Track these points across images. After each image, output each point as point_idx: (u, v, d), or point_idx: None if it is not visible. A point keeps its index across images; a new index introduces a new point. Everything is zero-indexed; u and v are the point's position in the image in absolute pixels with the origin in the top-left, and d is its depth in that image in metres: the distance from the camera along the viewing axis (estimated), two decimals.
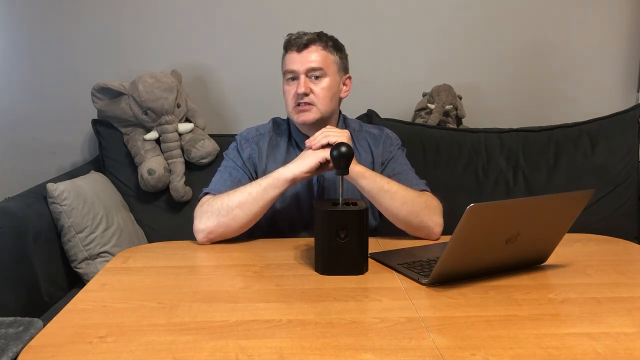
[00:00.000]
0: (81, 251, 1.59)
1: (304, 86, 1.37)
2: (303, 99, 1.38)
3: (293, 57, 1.39)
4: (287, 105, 1.42)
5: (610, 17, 2.21)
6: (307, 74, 1.38)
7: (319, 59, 1.39)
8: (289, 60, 1.40)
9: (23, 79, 2.12)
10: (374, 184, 1.29)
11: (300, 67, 1.38)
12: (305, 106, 1.38)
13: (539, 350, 0.79)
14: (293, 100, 1.40)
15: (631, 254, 1.28)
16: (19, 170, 2.13)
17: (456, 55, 2.21)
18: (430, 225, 1.33)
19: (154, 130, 1.91)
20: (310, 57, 1.38)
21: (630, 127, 1.96)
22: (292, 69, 1.39)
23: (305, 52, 1.39)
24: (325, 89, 1.40)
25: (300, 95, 1.37)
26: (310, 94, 1.38)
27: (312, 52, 1.39)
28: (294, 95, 1.39)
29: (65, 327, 0.88)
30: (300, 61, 1.38)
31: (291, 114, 1.42)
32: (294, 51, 1.39)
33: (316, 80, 1.39)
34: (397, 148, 1.51)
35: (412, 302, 0.96)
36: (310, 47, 1.39)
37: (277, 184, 1.28)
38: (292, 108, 1.41)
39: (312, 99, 1.38)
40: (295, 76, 1.39)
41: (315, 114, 1.39)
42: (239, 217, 1.29)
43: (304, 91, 1.37)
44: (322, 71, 1.39)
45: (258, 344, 0.81)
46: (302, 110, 1.39)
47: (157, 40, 2.13)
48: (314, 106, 1.39)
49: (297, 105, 1.39)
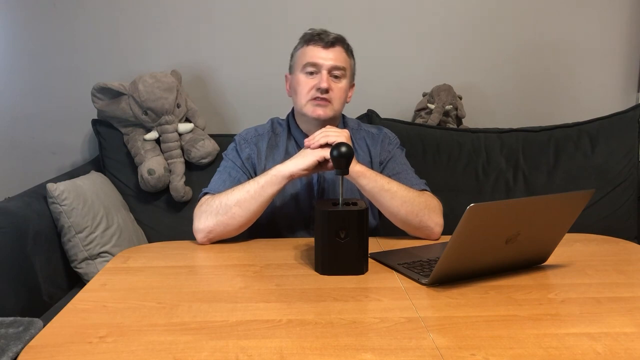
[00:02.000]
0: (81, 251, 1.59)
1: (327, 82, 1.37)
2: (324, 94, 1.38)
3: (318, 51, 1.39)
4: (300, 96, 1.41)
5: (610, 17, 2.21)
6: (330, 71, 1.39)
7: (343, 59, 1.41)
8: (312, 54, 1.39)
9: (23, 79, 2.12)
10: (375, 183, 1.29)
11: (325, 62, 1.38)
12: (323, 101, 1.38)
13: (539, 350, 0.79)
14: (310, 93, 1.39)
15: (631, 254, 1.28)
16: (19, 170, 2.13)
17: (456, 55, 2.21)
18: (430, 225, 1.33)
19: (154, 130, 1.91)
20: (336, 55, 1.40)
21: (630, 127, 1.96)
22: (316, 62, 1.38)
23: (332, 50, 1.39)
24: (342, 90, 1.41)
25: (322, 90, 1.37)
26: (330, 90, 1.38)
27: (338, 51, 1.40)
28: (312, 87, 1.38)
29: (65, 327, 0.88)
30: (325, 57, 1.39)
31: (305, 106, 1.40)
32: (319, 46, 1.39)
33: (336, 79, 1.40)
34: (396, 147, 1.51)
35: (412, 302, 0.96)
36: (336, 46, 1.40)
37: (274, 181, 1.28)
38: (306, 100, 1.40)
39: (331, 96, 1.39)
40: (316, 70, 1.39)
41: (330, 111, 1.40)
42: (237, 215, 1.28)
43: (326, 86, 1.37)
44: (343, 72, 1.41)
45: (258, 344, 0.81)
46: (319, 105, 1.39)
47: (157, 40, 2.13)
48: (330, 103, 1.39)
49: (314, 98, 1.39)
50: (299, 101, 1.42)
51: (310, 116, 1.40)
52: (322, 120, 1.39)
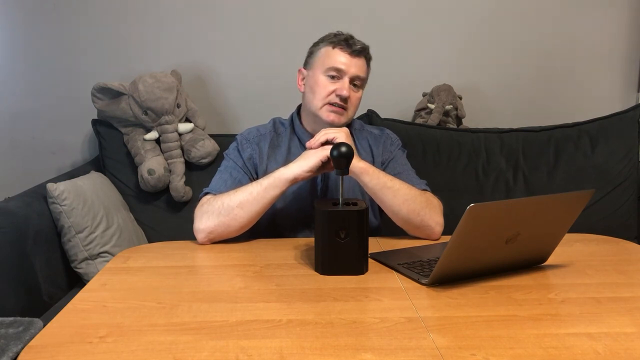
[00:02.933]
0: (81, 251, 1.59)
1: (348, 90, 1.38)
2: (342, 101, 1.39)
3: (344, 57, 1.39)
4: (317, 97, 1.41)
5: (610, 17, 2.21)
6: (352, 79, 1.40)
7: (365, 69, 1.43)
8: (338, 58, 1.39)
9: (23, 78, 2.12)
10: (377, 180, 1.30)
11: (349, 70, 1.39)
12: (340, 109, 1.39)
13: (539, 350, 0.79)
14: (328, 97, 1.39)
15: (631, 254, 1.28)
16: (19, 170, 2.13)
17: (456, 55, 2.22)
18: (431, 224, 1.33)
19: (154, 130, 1.91)
20: (360, 65, 1.41)
21: (630, 127, 1.96)
22: (341, 68, 1.39)
23: (358, 59, 1.41)
24: (358, 99, 1.44)
25: (342, 97, 1.38)
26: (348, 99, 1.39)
27: (362, 61, 1.42)
28: (331, 92, 1.39)
29: (65, 327, 0.88)
30: (351, 64, 1.39)
31: (320, 109, 1.40)
32: (346, 52, 1.39)
33: (355, 88, 1.42)
34: (398, 148, 1.51)
35: (412, 302, 0.96)
36: (362, 56, 1.42)
37: (278, 184, 1.28)
38: (323, 104, 1.40)
39: (348, 105, 1.40)
40: (339, 76, 1.39)
41: (344, 119, 1.41)
42: (239, 216, 1.28)
43: (347, 95, 1.38)
44: (363, 82, 1.43)
45: (258, 344, 0.81)
46: (336, 112, 1.39)
47: (157, 40, 2.13)
48: (346, 112, 1.40)
49: (332, 104, 1.39)
50: (314, 102, 1.41)
51: (324, 120, 1.40)
52: (335, 126, 1.39)
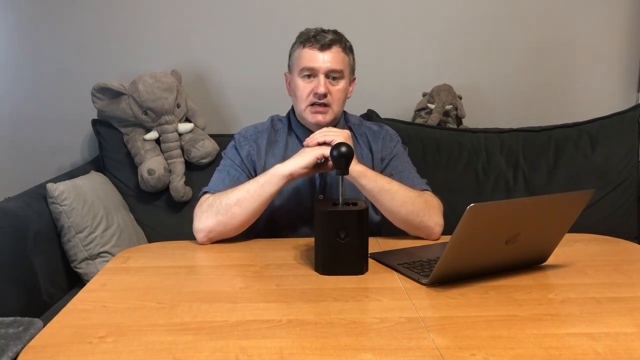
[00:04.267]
0: (81, 251, 1.59)
1: (325, 86, 1.36)
2: (321, 99, 1.37)
3: (314, 54, 1.37)
4: (298, 101, 1.40)
5: (610, 17, 2.21)
6: (327, 74, 1.37)
7: (340, 60, 1.39)
8: (308, 57, 1.38)
9: (23, 79, 2.12)
10: (375, 183, 1.29)
11: (322, 66, 1.37)
12: (322, 107, 1.38)
13: (539, 350, 0.79)
14: (308, 99, 1.38)
15: (631, 254, 1.28)
16: (19, 170, 2.13)
17: (456, 55, 2.21)
18: (431, 225, 1.33)
19: (154, 130, 1.91)
20: (332, 58, 1.37)
21: (630, 127, 1.96)
22: (312, 66, 1.37)
23: (328, 52, 1.37)
24: (341, 91, 1.40)
25: (319, 95, 1.36)
26: (328, 95, 1.37)
27: (334, 53, 1.38)
28: (309, 93, 1.38)
29: (65, 327, 0.88)
30: (322, 60, 1.37)
31: (304, 112, 1.40)
32: (315, 49, 1.37)
33: (334, 81, 1.39)
34: (398, 145, 1.51)
35: (412, 302, 0.96)
36: (333, 47, 1.38)
37: (274, 181, 1.27)
38: (305, 106, 1.39)
39: (329, 100, 1.38)
40: (313, 74, 1.38)
41: (330, 116, 1.39)
42: (237, 214, 1.28)
43: (324, 91, 1.36)
44: (341, 73, 1.39)
45: (258, 344, 0.81)
46: (318, 112, 1.38)
47: (157, 40, 2.13)
48: (330, 108, 1.39)
49: (312, 105, 1.38)
50: (298, 105, 1.41)
51: (311, 122, 1.40)
52: (322, 125, 1.38)
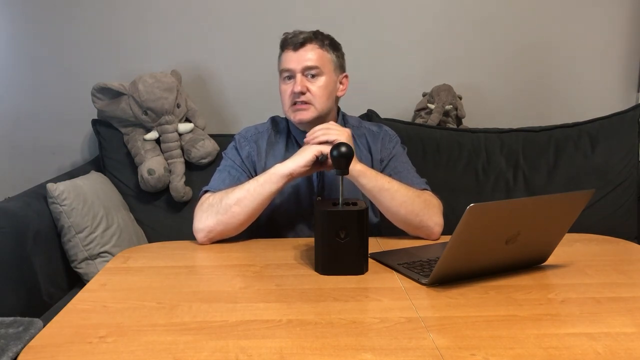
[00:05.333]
0: (81, 251, 1.59)
1: (300, 85, 1.37)
2: (300, 97, 1.37)
3: (289, 55, 1.39)
4: (283, 104, 1.42)
5: (610, 17, 2.21)
6: (303, 72, 1.38)
7: (315, 57, 1.39)
8: (285, 59, 1.40)
9: (23, 79, 2.12)
10: (375, 182, 1.29)
11: (296, 66, 1.38)
12: (302, 105, 1.38)
13: (539, 350, 0.79)
14: (290, 99, 1.39)
15: (631, 254, 1.28)
16: (19, 170, 2.13)
17: (456, 55, 2.21)
18: (430, 225, 1.33)
19: (154, 130, 1.91)
20: (306, 55, 1.38)
21: (630, 127, 1.96)
22: (288, 67, 1.39)
23: (302, 51, 1.38)
24: (321, 88, 1.39)
25: (297, 94, 1.37)
26: (307, 92, 1.37)
27: (309, 50, 1.39)
28: (290, 94, 1.39)
29: (65, 327, 0.88)
30: (296, 60, 1.38)
31: (288, 112, 1.41)
32: (290, 50, 1.39)
33: (312, 78, 1.39)
34: (398, 145, 1.51)
35: (412, 302, 0.96)
36: (307, 45, 1.39)
37: (274, 180, 1.27)
38: (288, 107, 1.40)
39: (309, 97, 1.38)
40: (291, 75, 1.39)
41: (312, 113, 1.39)
42: (237, 214, 1.28)
43: (300, 90, 1.36)
44: (318, 70, 1.39)
45: (258, 344, 0.81)
46: (298, 109, 1.39)
47: (157, 40, 2.13)
48: (311, 105, 1.38)
49: (294, 104, 1.39)
50: (284, 108, 1.43)
51: (295, 122, 1.41)
52: (305, 123, 1.38)
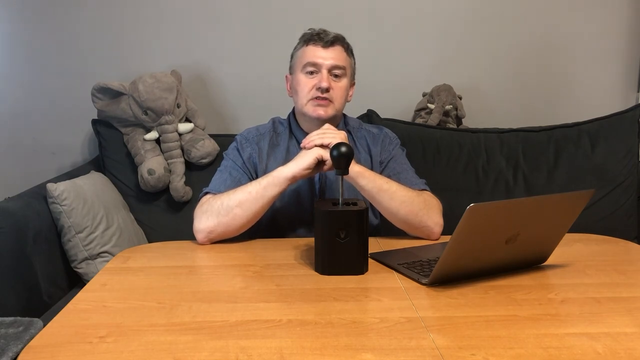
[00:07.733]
0: (81, 251, 1.59)
1: (327, 81, 1.38)
2: (324, 93, 1.38)
3: (318, 51, 1.40)
4: (300, 96, 1.41)
5: (610, 17, 2.21)
6: (330, 70, 1.39)
7: (343, 58, 1.42)
8: (311, 53, 1.40)
9: (23, 79, 2.12)
10: (373, 183, 1.29)
11: (325, 62, 1.39)
12: (324, 101, 1.39)
13: (539, 350, 0.79)
14: (310, 93, 1.39)
15: (631, 254, 1.28)
16: (19, 170, 2.13)
17: (456, 55, 2.21)
18: (430, 225, 1.33)
19: (154, 130, 1.91)
20: (336, 54, 1.40)
21: (630, 127, 1.96)
22: (316, 62, 1.39)
23: (332, 49, 1.40)
24: (342, 89, 1.42)
25: (322, 90, 1.38)
26: (330, 89, 1.39)
27: (337, 50, 1.41)
28: (312, 87, 1.39)
29: (65, 327, 0.88)
30: (325, 56, 1.39)
31: (306, 106, 1.41)
32: (319, 45, 1.40)
33: (336, 78, 1.41)
34: (397, 147, 1.51)
35: (412, 302, 0.96)
36: (336, 45, 1.41)
37: (277, 183, 1.28)
38: (307, 100, 1.40)
39: (332, 95, 1.39)
40: (316, 70, 1.40)
41: (331, 111, 1.40)
42: (239, 216, 1.28)
43: (327, 86, 1.37)
44: (343, 71, 1.41)
45: (258, 344, 0.81)
46: (320, 105, 1.39)
47: (157, 40, 2.13)
48: (331, 102, 1.40)
49: (315, 98, 1.39)
50: (299, 101, 1.42)
51: (311, 116, 1.40)
52: (323, 119, 1.39)
